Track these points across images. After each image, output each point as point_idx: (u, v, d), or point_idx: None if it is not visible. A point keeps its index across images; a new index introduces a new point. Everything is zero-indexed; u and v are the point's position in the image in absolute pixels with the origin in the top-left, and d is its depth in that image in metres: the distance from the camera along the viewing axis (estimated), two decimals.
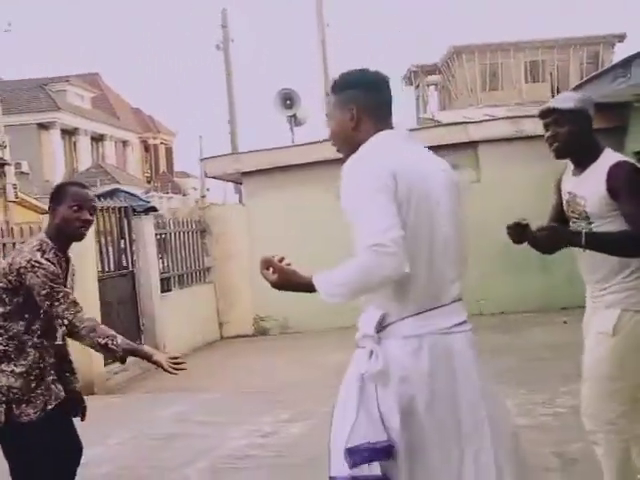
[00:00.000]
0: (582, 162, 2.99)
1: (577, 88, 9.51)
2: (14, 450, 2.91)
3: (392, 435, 2.09)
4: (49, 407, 2.96)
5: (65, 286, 2.94)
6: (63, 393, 3.05)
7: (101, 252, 7.93)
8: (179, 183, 43.19)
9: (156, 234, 9.02)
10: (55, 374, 3.06)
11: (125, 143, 44.51)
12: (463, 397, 2.17)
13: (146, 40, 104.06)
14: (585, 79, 9.50)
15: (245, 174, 9.88)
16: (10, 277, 2.90)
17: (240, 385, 6.98)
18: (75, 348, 7.60)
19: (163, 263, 9.37)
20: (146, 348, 2.93)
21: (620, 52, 32.80)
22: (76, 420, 3.18)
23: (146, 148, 48.25)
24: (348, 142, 2.32)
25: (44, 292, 2.84)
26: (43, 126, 36.67)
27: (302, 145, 10.78)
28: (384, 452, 2.08)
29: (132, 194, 10.74)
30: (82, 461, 3.33)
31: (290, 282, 2.19)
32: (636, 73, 7.11)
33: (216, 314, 10.09)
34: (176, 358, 2.84)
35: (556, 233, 2.87)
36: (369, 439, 2.09)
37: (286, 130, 14.78)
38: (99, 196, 9.26)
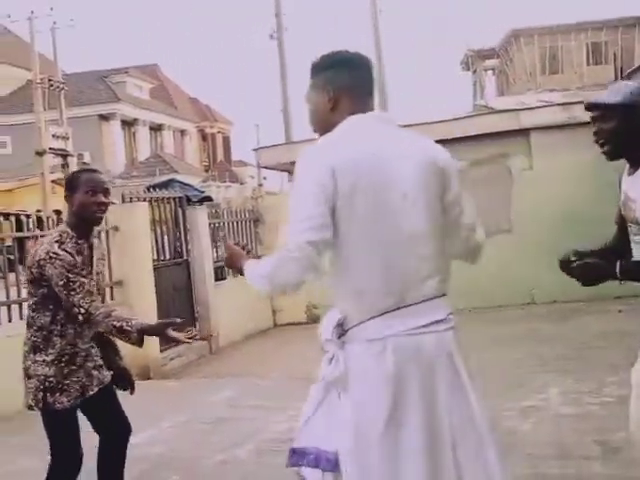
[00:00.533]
0: (636, 161, 2.65)
1: (634, 72, 9.32)
2: (50, 432, 3.10)
3: (343, 444, 2.04)
4: (90, 393, 3.12)
5: (88, 274, 3.06)
6: (108, 378, 3.20)
7: (157, 241, 8.17)
8: (237, 172, 43.70)
9: (210, 223, 9.23)
10: (99, 359, 3.20)
11: (183, 132, 45.23)
12: (429, 403, 2.06)
13: (202, 30, 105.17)
14: (637, 66, 9.30)
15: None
16: (33, 269, 3.04)
17: (292, 371, 7.10)
18: None
19: (217, 252, 9.57)
20: (160, 324, 2.99)
21: None
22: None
23: (203, 137, 48.92)
24: (325, 124, 2.24)
25: (61, 282, 2.95)
26: (104, 117, 37.59)
27: None
28: (332, 462, 2.04)
29: (187, 184, 10.93)
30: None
31: (232, 263, 2.27)
32: None
33: (269, 302, 10.26)
34: (190, 331, 2.98)
35: (589, 269, 2.53)
36: (319, 445, 2.07)
37: None
38: (154, 187, 9.50)
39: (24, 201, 25.57)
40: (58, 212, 12.27)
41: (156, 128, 42.14)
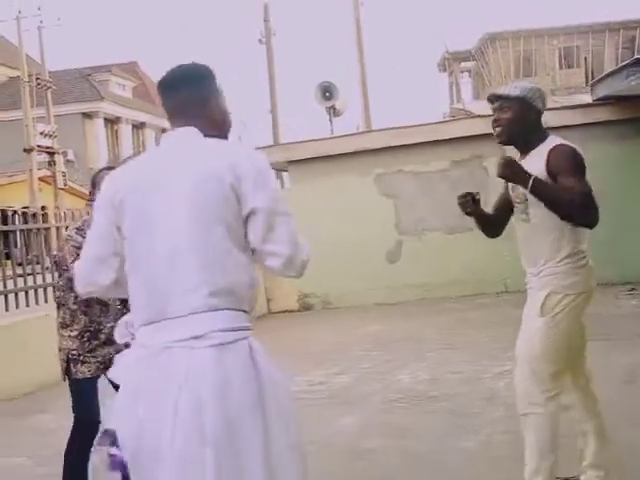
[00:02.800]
0: (525, 149, 3.07)
1: (598, 82, 10.25)
2: (72, 398, 3.45)
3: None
4: None
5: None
6: None
7: None
8: None
9: None
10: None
11: (164, 130, 45.70)
12: (171, 426, 1.96)
13: (182, 29, 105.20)
14: (600, 76, 10.22)
15: (291, 162, 10.79)
16: (59, 253, 3.47)
17: (289, 348, 7.86)
18: None
19: None
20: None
21: None
22: None
23: None
24: None
25: (71, 260, 3.25)
26: (87, 115, 37.92)
27: (343, 136, 11.69)
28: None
29: None
30: None
31: None
32: None
33: (264, 291, 11.01)
34: None
35: (511, 165, 2.90)
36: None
37: (325, 120, 15.66)
38: None
39: (11, 198, 25.92)
40: (43, 208, 12.97)
41: (138, 126, 42.56)
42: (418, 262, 10.52)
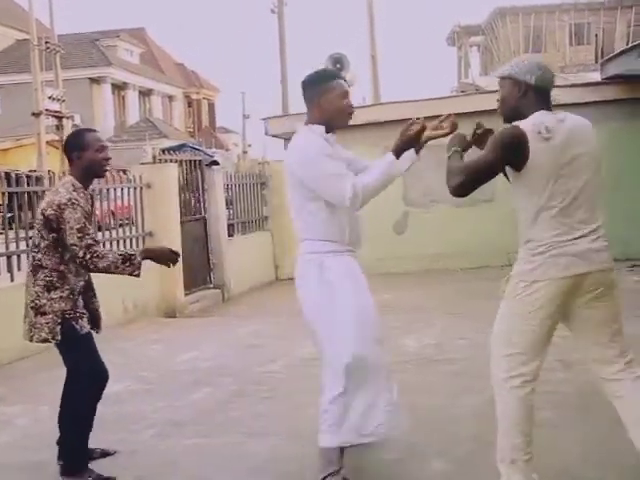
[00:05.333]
0: None
1: (608, 61, 10.35)
2: (76, 357, 3.39)
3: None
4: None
5: (91, 221, 3.45)
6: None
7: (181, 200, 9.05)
8: (220, 139, 44.22)
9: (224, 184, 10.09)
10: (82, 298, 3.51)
11: (171, 98, 45.59)
12: None
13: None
14: (611, 55, 10.33)
15: None
16: (49, 213, 3.28)
17: (299, 313, 8.08)
18: (163, 277, 8.62)
19: (228, 211, 10.46)
20: (162, 249, 3.56)
21: None
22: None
23: (189, 103, 49.20)
24: None
25: (78, 226, 3.24)
26: (95, 80, 37.90)
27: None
28: None
29: (198, 149, 11.78)
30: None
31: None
32: None
33: (272, 258, 11.24)
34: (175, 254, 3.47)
35: (459, 136, 3.15)
36: None
37: None
38: (168, 150, 10.34)
39: (18, 161, 26.05)
40: (50, 172, 13.08)
41: (145, 93, 42.51)
42: (424, 234, 10.71)
